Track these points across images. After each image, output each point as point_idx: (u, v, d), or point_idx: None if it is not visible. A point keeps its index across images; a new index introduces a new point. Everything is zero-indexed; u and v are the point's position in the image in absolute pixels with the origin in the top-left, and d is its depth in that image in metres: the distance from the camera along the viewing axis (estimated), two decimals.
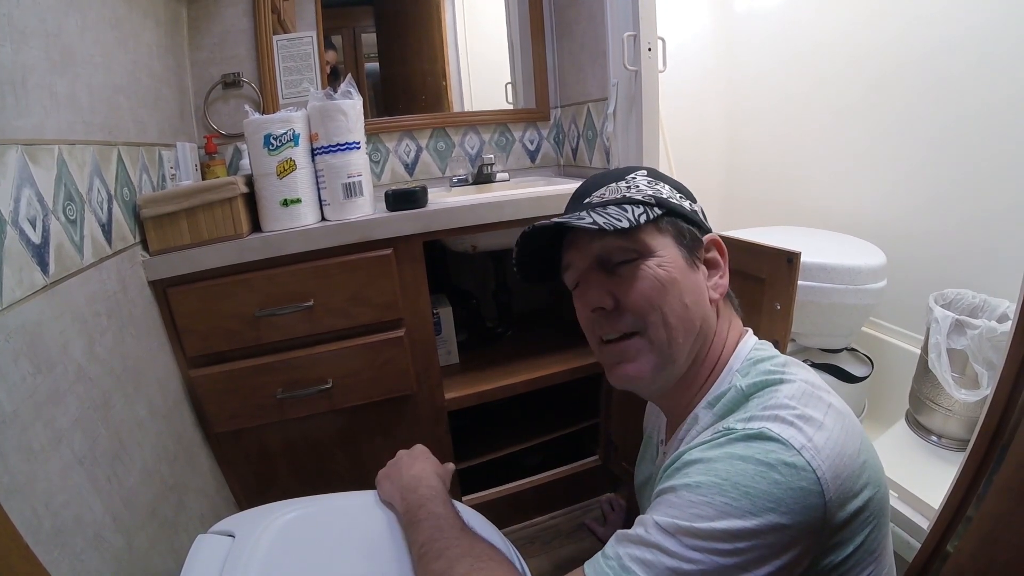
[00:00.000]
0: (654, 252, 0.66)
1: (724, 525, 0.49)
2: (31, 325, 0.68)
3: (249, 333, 1.13)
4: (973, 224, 1.47)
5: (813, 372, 0.63)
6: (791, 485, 0.49)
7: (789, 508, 0.49)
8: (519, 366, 1.48)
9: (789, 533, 0.49)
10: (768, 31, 2.00)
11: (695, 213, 0.71)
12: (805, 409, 0.54)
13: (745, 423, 0.55)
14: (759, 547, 0.49)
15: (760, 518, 0.49)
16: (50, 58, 0.81)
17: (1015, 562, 0.71)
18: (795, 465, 0.50)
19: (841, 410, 0.57)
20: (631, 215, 0.65)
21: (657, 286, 0.65)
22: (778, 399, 0.56)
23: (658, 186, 0.71)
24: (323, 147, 1.17)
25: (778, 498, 0.49)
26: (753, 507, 0.49)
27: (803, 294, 1.45)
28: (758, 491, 0.49)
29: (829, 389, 0.59)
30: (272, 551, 0.75)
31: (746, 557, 0.49)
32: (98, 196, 0.90)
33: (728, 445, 0.53)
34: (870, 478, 0.54)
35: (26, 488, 0.61)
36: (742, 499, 0.49)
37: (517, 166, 1.84)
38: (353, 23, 1.71)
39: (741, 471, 0.51)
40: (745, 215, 2.24)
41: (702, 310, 0.68)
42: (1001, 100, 1.35)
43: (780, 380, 0.59)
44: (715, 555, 0.49)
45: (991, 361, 1.21)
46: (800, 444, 0.51)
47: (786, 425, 0.52)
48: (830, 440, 0.52)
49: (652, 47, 1.25)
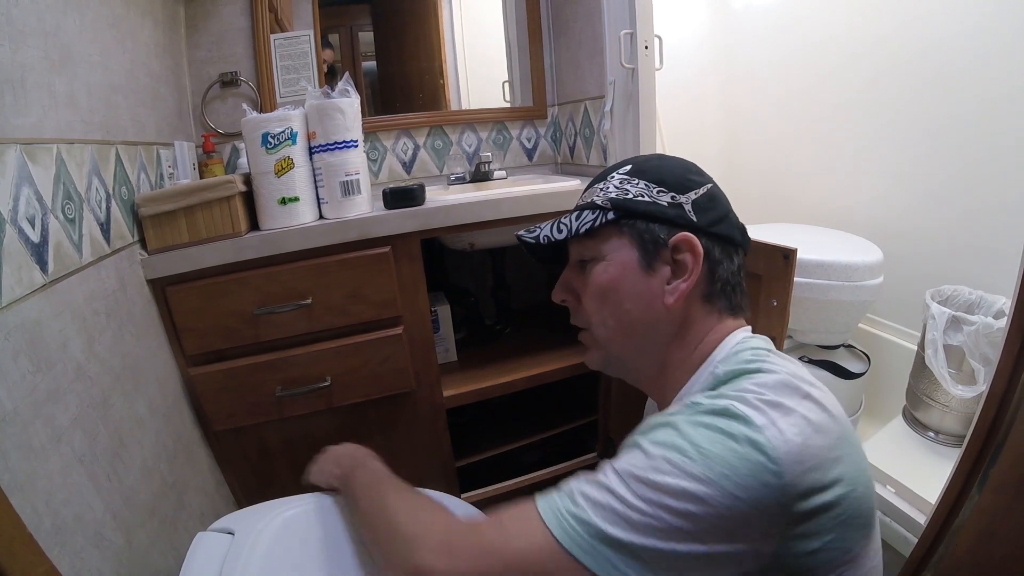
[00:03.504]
0: (603, 256, 0.69)
1: (676, 482, 0.49)
2: (30, 324, 0.68)
3: (248, 331, 1.14)
4: (970, 220, 1.47)
5: (801, 367, 0.62)
6: (748, 457, 0.49)
7: (743, 479, 0.48)
8: (518, 363, 1.48)
9: (742, 509, 0.48)
10: (765, 28, 2.00)
11: (675, 207, 0.67)
12: (774, 396, 0.54)
13: (712, 399, 0.55)
14: (710, 516, 0.48)
15: (713, 486, 0.48)
16: (49, 57, 0.81)
17: (1011, 556, 0.71)
18: (755, 441, 0.49)
19: (823, 404, 0.55)
20: (579, 222, 0.70)
21: (598, 291, 0.69)
22: (748, 385, 0.56)
23: (629, 184, 0.69)
24: (321, 145, 1.17)
25: (733, 466, 0.49)
26: (709, 471, 0.49)
27: (800, 291, 1.45)
28: (715, 455, 0.49)
29: (817, 384, 0.58)
30: (272, 548, 0.75)
31: (695, 523, 0.49)
32: (97, 195, 0.90)
33: (693, 415, 0.54)
34: (844, 476, 0.52)
35: (26, 486, 0.62)
36: (699, 460, 0.50)
37: (515, 164, 1.84)
38: (350, 22, 1.71)
39: (703, 436, 0.51)
40: (742, 212, 2.21)
41: (648, 315, 0.67)
42: (998, 97, 1.36)
43: (757, 369, 0.58)
44: (664, 511, 0.49)
45: (987, 357, 1.22)
46: (762, 423, 0.51)
47: (751, 406, 0.53)
48: (795, 426, 0.51)
49: (649, 45, 1.25)
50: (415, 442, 1.35)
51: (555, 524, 0.52)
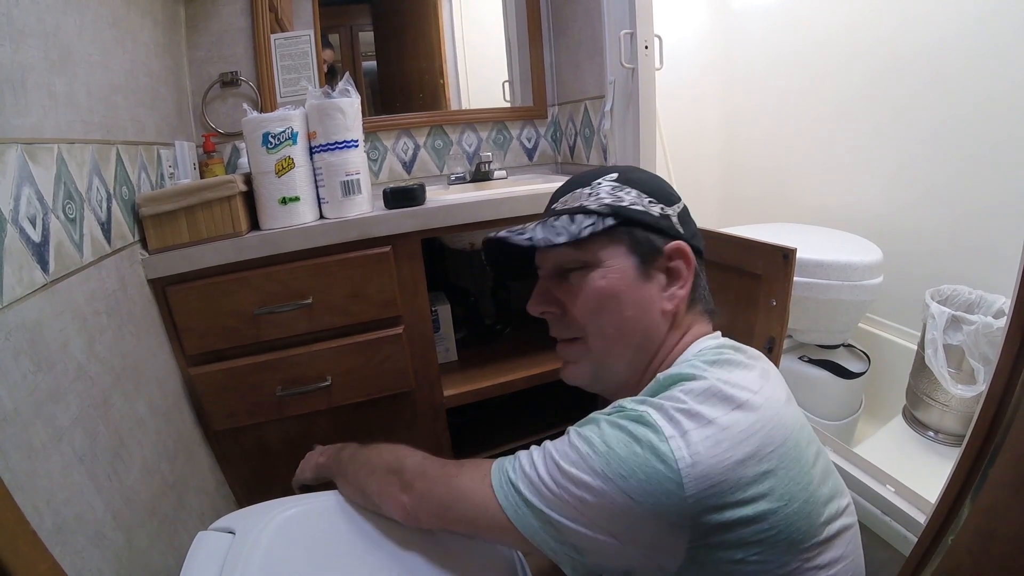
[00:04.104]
0: (601, 263, 0.67)
1: (576, 472, 0.54)
2: (31, 323, 0.68)
3: (248, 331, 1.14)
4: (969, 220, 1.47)
5: (753, 373, 0.60)
6: (648, 465, 0.51)
7: (639, 484, 0.51)
8: (517, 363, 1.48)
9: (638, 512, 0.51)
10: (765, 28, 2.00)
11: (664, 218, 0.68)
12: (696, 405, 0.54)
13: (636, 404, 0.57)
14: (604, 509, 0.53)
15: (608, 482, 0.52)
16: (49, 57, 0.81)
17: (1011, 555, 0.71)
18: (658, 450, 0.51)
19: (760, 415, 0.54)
20: (576, 227, 0.66)
21: (596, 299, 0.67)
22: (674, 392, 0.56)
23: (621, 192, 0.69)
24: (321, 145, 1.17)
25: (631, 470, 0.52)
26: (607, 468, 0.53)
27: (800, 290, 1.45)
28: (616, 455, 0.53)
29: (764, 392, 0.57)
30: (272, 548, 0.75)
31: (592, 513, 0.53)
32: (97, 195, 0.90)
33: (615, 416, 0.58)
34: (773, 491, 0.52)
35: (27, 486, 0.62)
36: (600, 458, 0.54)
37: (515, 164, 1.84)
38: (350, 21, 1.71)
39: (612, 436, 0.55)
40: (742, 212, 2.25)
41: (646, 322, 0.67)
42: (997, 96, 1.36)
43: (692, 376, 0.58)
44: (565, 494, 0.55)
45: (987, 356, 1.22)
46: (669, 434, 0.52)
47: (665, 416, 0.54)
48: (710, 439, 0.51)
49: (649, 45, 1.25)
50: (415, 442, 1.33)
51: (496, 481, 0.61)
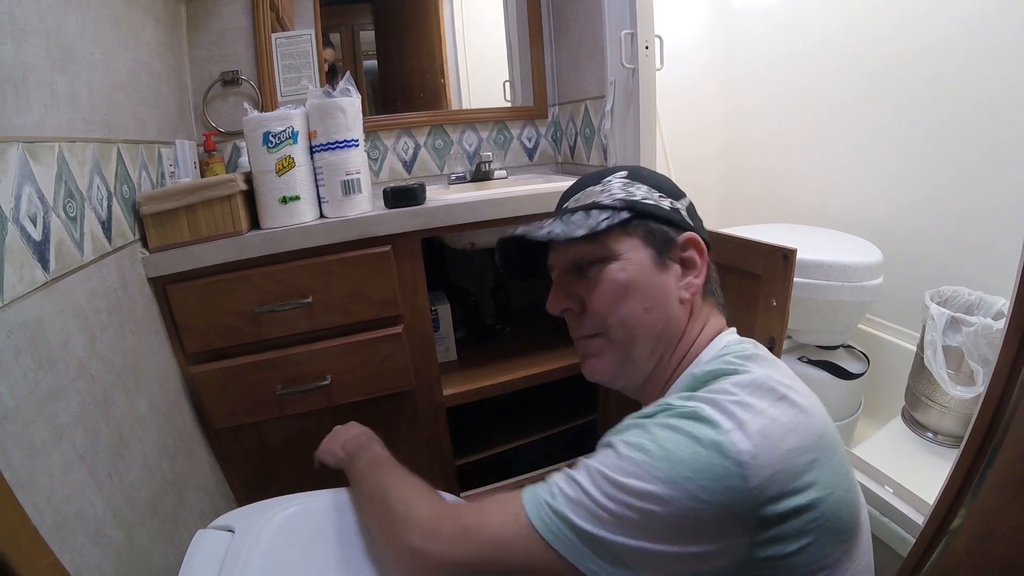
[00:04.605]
0: (618, 255, 0.68)
1: (639, 484, 0.51)
2: (32, 321, 0.69)
3: (248, 329, 1.14)
4: (969, 221, 1.47)
5: (783, 369, 0.62)
6: (712, 462, 0.50)
7: (707, 484, 0.49)
8: (517, 363, 1.48)
9: (707, 513, 0.49)
10: (765, 28, 2.00)
11: (675, 211, 0.71)
12: (746, 397, 0.54)
13: (684, 401, 0.56)
14: (672, 516, 0.50)
15: (675, 487, 0.50)
16: (50, 56, 0.81)
17: (1009, 555, 0.71)
18: (720, 445, 0.50)
19: (801, 407, 0.55)
20: (594, 221, 0.67)
21: (617, 290, 0.67)
22: (722, 386, 0.57)
23: (632, 188, 0.71)
24: (322, 144, 1.18)
25: (697, 470, 0.50)
26: (672, 474, 0.50)
27: (799, 291, 1.45)
28: (678, 459, 0.51)
29: (798, 387, 0.58)
30: (272, 546, 0.76)
31: (659, 523, 0.50)
32: (98, 193, 0.90)
33: (664, 417, 0.56)
34: (819, 480, 0.52)
35: (28, 483, 0.62)
36: (662, 463, 0.51)
37: (515, 164, 1.84)
38: (351, 21, 1.71)
39: (668, 438, 0.53)
40: (742, 212, 2.25)
41: (667, 311, 0.68)
42: (997, 97, 1.36)
43: (735, 371, 0.59)
44: (628, 510, 0.51)
45: (986, 358, 1.22)
46: (728, 427, 0.51)
47: (719, 409, 0.53)
48: (765, 429, 0.51)
49: (649, 45, 1.25)
50: (415, 441, 1.36)
51: (535, 514, 0.55)
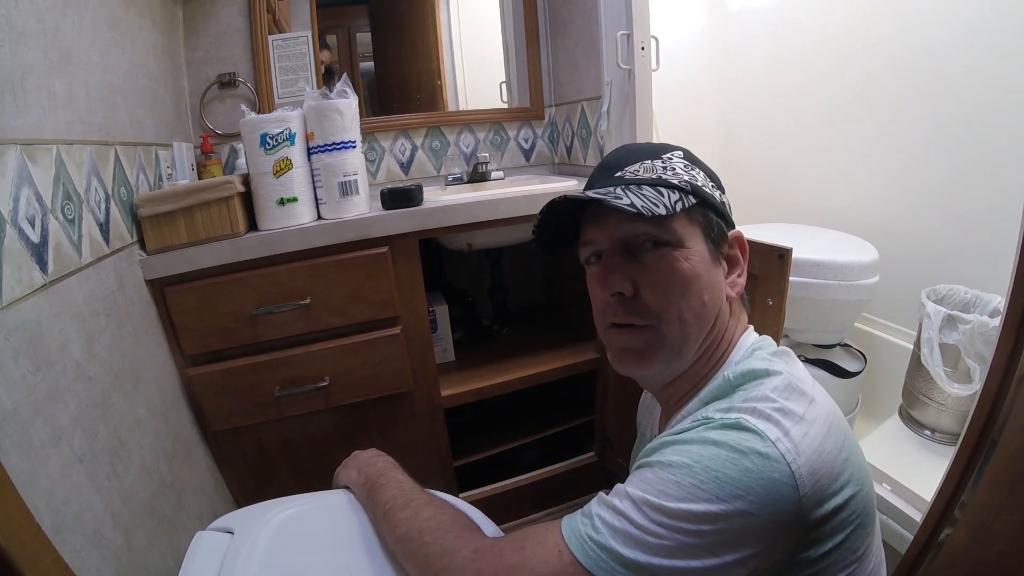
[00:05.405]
0: (683, 243, 0.63)
1: (688, 506, 0.49)
2: (30, 323, 0.68)
3: (246, 331, 1.14)
4: (965, 220, 1.48)
5: (800, 365, 0.62)
6: (762, 475, 0.49)
7: (758, 497, 0.48)
8: (515, 363, 1.49)
9: (757, 523, 0.49)
10: (762, 29, 2.01)
11: (724, 205, 0.69)
12: (786, 403, 0.53)
13: (724, 413, 0.55)
14: (724, 532, 0.49)
15: (726, 504, 0.48)
16: (48, 58, 0.81)
17: (1006, 552, 0.72)
18: (768, 456, 0.49)
19: (824, 406, 0.56)
20: (668, 201, 0.60)
21: (680, 280, 0.62)
22: (761, 392, 0.56)
23: (694, 171, 0.67)
24: (319, 146, 1.18)
25: (747, 486, 0.49)
26: (721, 492, 0.49)
27: (796, 290, 1.45)
28: (727, 477, 0.49)
29: (814, 383, 0.59)
30: (271, 548, 0.76)
31: (711, 540, 0.49)
32: (96, 196, 0.90)
33: (704, 431, 0.54)
34: (852, 476, 0.53)
35: (26, 485, 0.62)
36: (710, 483, 0.49)
37: (512, 165, 1.85)
38: (348, 22, 1.71)
39: (713, 455, 0.51)
40: (739, 212, 2.21)
41: (718, 308, 0.65)
42: (994, 98, 1.36)
43: (767, 372, 0.58)
44: (679, 533, 0.50)
45: (983, 355, 1.22)
46: (775, 436, 0.50)
47: (763, 418, 0.52)
48: (808, 435, 0.51)
49: (646, 46, 1.26)
50: (413, 442, 1.36)
51: (578, 548, 0.53)
